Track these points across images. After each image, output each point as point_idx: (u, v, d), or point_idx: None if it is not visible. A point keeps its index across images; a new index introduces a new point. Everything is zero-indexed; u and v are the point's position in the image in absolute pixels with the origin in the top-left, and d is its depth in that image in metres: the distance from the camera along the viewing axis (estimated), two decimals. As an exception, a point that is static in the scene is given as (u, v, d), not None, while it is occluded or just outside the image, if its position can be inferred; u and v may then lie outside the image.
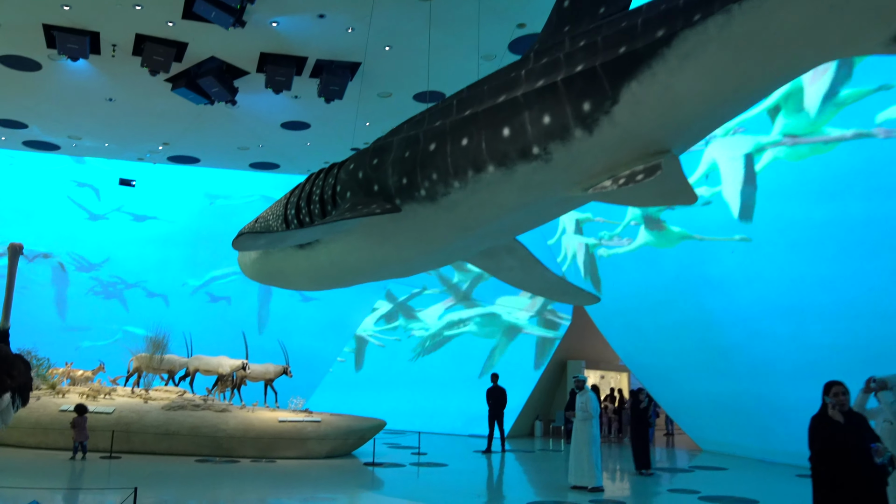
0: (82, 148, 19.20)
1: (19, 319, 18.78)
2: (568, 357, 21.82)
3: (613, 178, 5.33)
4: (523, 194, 5.95)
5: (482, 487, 11.81)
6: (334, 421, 14.04)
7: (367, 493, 10.69)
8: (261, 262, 8.70)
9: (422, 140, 6.53)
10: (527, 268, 8.17)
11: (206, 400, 14.04)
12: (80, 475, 10.94)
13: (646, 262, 17.29)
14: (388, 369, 21.60)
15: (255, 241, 6.27)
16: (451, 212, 6.37)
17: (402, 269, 7.89)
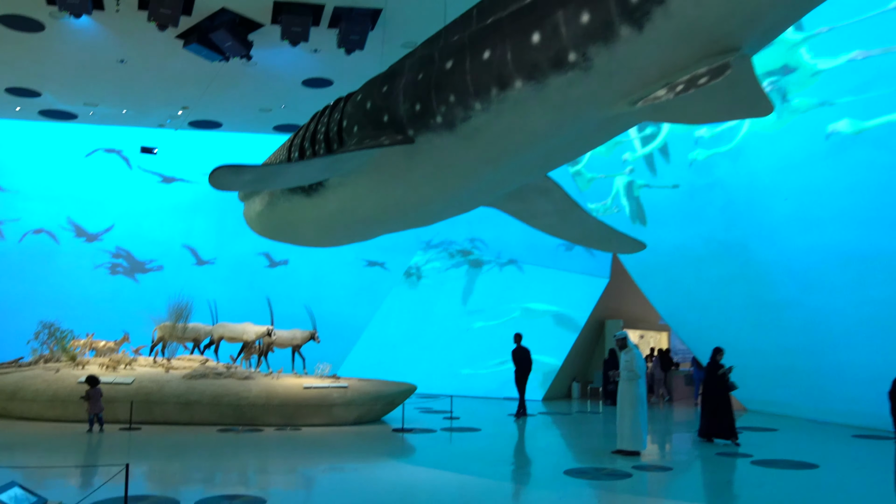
0: (100, 116, 18.52)
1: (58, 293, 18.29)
2: (606, 316, 20.82)
3: (669, 86, 4.30)
4: (558, 115, 4.95)
5: (517, 454, 11.01)
6: (362, 386, 13.32)
7: (397, 461, 9.95)
8: (267, 214, 7.86)
9: (437, 59, 5.54)
10: (563, 212, 7.19)
11: (229, 368, 13.40)
12: (95, 448, 10.39)
13: (689, 213, 16.11)
14: (421, 333, 20.83)
15: (238, 177, 5.30)
16: (473, 141, 5.40)
17: (421, 216, 6.95)
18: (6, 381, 12.57)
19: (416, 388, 14.07)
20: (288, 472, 9.39)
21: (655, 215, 16.89)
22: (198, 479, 8.59)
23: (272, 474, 9.26)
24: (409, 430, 12.35)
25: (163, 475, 8.60)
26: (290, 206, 7.32)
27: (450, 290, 21.39)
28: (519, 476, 9.18)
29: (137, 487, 7.54)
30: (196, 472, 9.05)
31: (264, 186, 5.99)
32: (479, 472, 8.89)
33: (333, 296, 21.27)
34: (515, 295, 20.61)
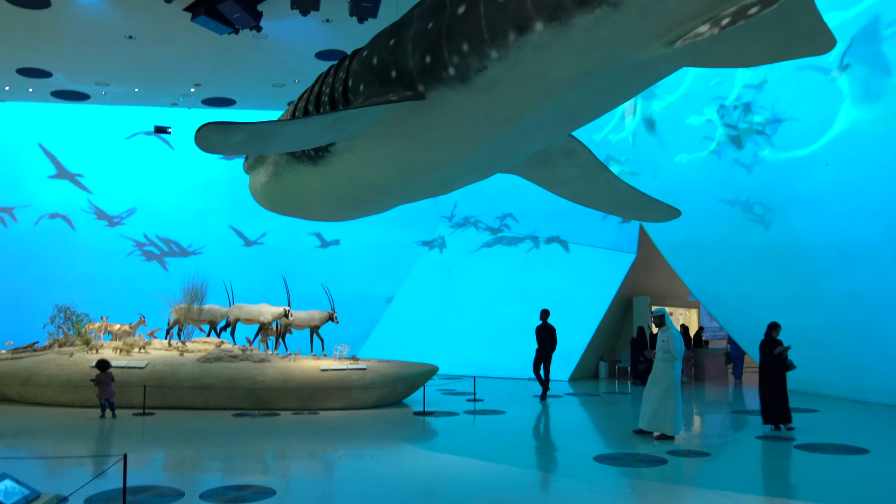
0: (112, 96, 18.18)
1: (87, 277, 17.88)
2: (633, 293, 20.13)
3: (713, 20, 3.66)
4: (583, 60, 4.33)
5: (544, 437, 10.48)
6: (381, 368, 12.85)
7: (418, 446, 9.47)
8: (272, 186, 7.34)
9: (448, 4, 4.94)
10: (590, 176, 6.56)
11: (245, 350, 13.01)
12: (105, 434, 10.04)
13: (720, 181, 15.34)
14: (444, 313, 20.32)
15: (227, 136, 4.72)
16: (489, 95, 4.81)
17: (435, 183, 6.36)
18: (20, 366, 12.30)
19: (437, 370, 13.58)
20: (303, 458, 8.96)
21: (684, 184, 16.11)
22: (207, 467, 8.18)
23: (287, 461, 8.83)
24: (431, 414, 11.88)
25: (171, 463, 8.21)
26: (295, 177, 6.79)
27: (472, 268, 20.83)
28: (546, 462, 8.65)
29: (144, 476, 7.16)
30: (206, 459, 8.65)
31: (259, 148, 5.35)
32: (504, 457, 8.37)
33: (352, 275, 20.85)
34: (540, 271, 20.00)
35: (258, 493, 6.53)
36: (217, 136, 4.67)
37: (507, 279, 20.23)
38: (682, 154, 16.01)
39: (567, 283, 19.47)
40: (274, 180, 7.11)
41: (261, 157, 7.26)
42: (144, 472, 7.52)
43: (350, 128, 5.33)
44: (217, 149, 4.95)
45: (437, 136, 5.41)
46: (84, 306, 16.14)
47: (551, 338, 14.53)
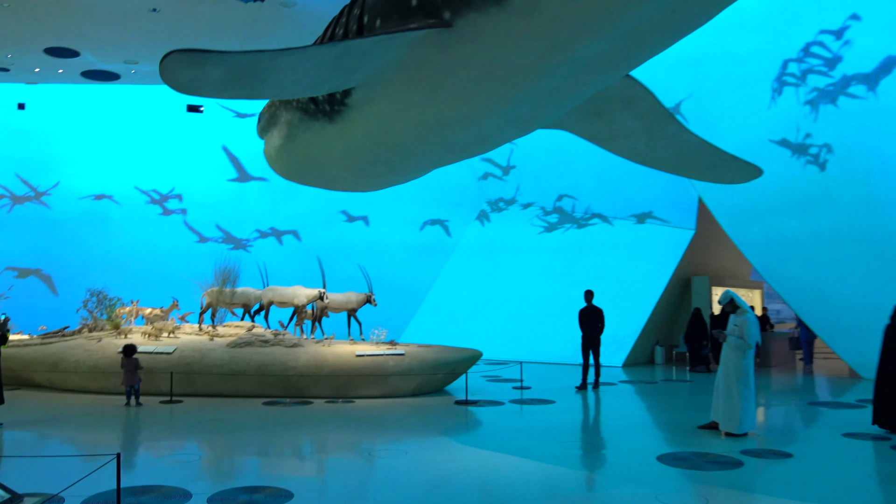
0: (142, 74, 17.66)
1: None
2: (692, 273, 18.84)
3: None
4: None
5: (598, 432, 9.47)
6: (421, 353, 12.03)
7: (458, 439, 8.62)
8: (287, 149, 6.48)
9: None
10: (655, 128, 5.51)
11: (277, 335, 12.34)
12: (127, 423, 9.46)
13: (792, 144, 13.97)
14: (488, 295, 19.39)
15: (202, 71, 3.71)
16: (531, 18, 3.81)
17: (470, 139, 5.39)
18: (47, 352, 11.89)
19: (481, 355, 12.70)
20: (331, 452, 8.19)
21: (749, 152, 14.76)
22: (224, 464, 7.48)
23: (312, 456, 8.07)
24: (474, 403, 11.01)
25: (187, 457, 7.53)
26: (311, 138, 5.93)
27: (518, 248, 19.81)
28: (602, 463, 7.67)
29: (153, 473, 6.48)
30: (225, 453, 7.96)
31: (249, 90, 4.33)
32: (555, 456, 7.45)
33: (393, 256, 20.08)
34: (590, 250, 18.88)
35: (273, 496, 5.76)
36: (189, 72, 3.74)
37: (554, 259, 19.17)
38: (745, 114, 14.65)
39: (620, 262, 18.32)
40: (288, 143, 6.27)
41: (273, 117, 6.44)
42: (154, 469, 6.85)
43: (362, 67, 4.40)
44: (192, 88, 4.05)
45: (468, 78, 4.46)
46: (122, 291, 15.81)
47: (598, 321, 13.20)
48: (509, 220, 20.35)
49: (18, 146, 18.66)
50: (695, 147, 5.66)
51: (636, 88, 5.21)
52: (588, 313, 13.18)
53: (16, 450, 7.77)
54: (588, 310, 13.21)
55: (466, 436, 9.01)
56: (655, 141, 5.62)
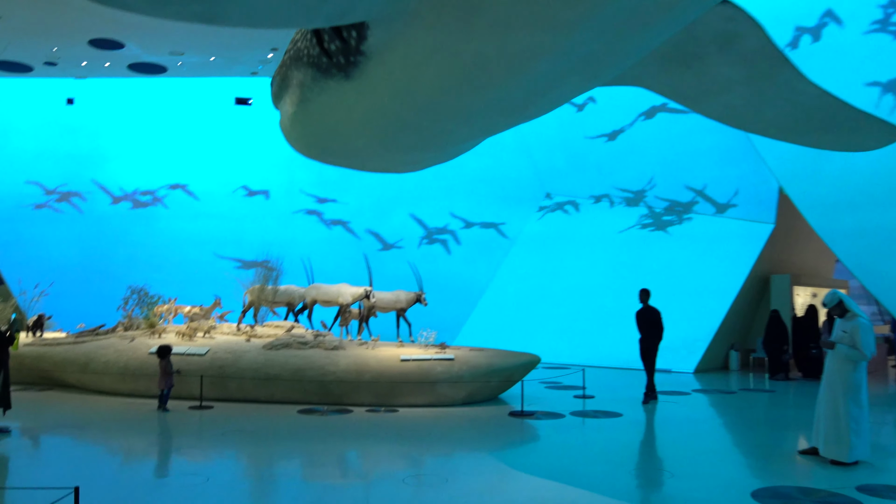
0: (189, 67, 17.08)
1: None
2: (771, 271, 17.07)
3: None
4: None
5: (675, 455, 8.08)
6: (472, 358, 10.84)
7: (510, 460, 7.41)
8: (302, 118, 5.38)
9: None
10: (761, 76, 4.17)
11: (318, 336, 11.38)
12: (139, 431, 8.57)
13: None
14: (548, 295, 18.06)
15: None
16: None
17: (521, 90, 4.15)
18: (78, 351, 11.23)
19: (539, 360, 11.44)
20: (367, 475, 7.11)
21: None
22: (238, 491, 6.48)
23: (345, 478, 7.00)
24: (530, 415, 9.76)
25: (194, 479, 6.55)
26: (327, 101, 4.82)
27: (579, 245, 18.40)
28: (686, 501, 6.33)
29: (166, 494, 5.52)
30: (246, 473, 6.97)
31: (200, 4, 3.17)
32: (627, 488, 6.15)
33: (446, 254, 18.97)
34: (658, 247, 17.35)
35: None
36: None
37: (620, 255, 17.69)
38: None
39: (691, 259, 16.72)
40: (302, 111, 5.19)
41: (285, 79, 5.38)
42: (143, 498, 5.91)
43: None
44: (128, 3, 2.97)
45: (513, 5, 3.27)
46: (170, 289, 15.21)
47: (655, 324, 11.41)
48: (571, 214, 18.96)
49: (67, 141, 18.37)
50: (813, 101, 4.31)
51: (739, 21, 3.90)
52: (643, 315, 11.48)
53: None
54: (644, 311, 11.50)
55: (520, 456, 7.78)
56: (761, 95, 4.29)
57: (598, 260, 17.89)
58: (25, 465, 7.19)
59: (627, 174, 17.98)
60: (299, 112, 5.24)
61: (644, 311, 11.48)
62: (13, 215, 18.02)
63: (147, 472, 6.85)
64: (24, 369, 11.46)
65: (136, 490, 6.00)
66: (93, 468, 6.90)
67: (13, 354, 11.58)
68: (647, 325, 11.38)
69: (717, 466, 7.10)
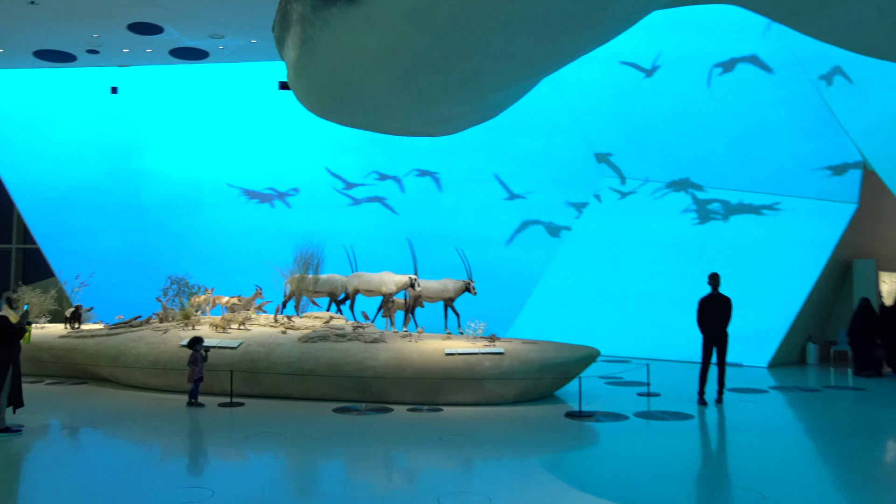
0: (231, 51, 16.37)
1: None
2: (853, 255, 15.35)
3: None
4: None
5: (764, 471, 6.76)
6: (524, 352, 9.73)
7: (566, 473, 6.32)
8: (307, 62, 4.35)
9: None
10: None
11: (358, 327, 10.46)
12: (159, 431, 7.78)
13: None
14: (609, 282, 16.73)
15: None
16: None
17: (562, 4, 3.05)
18: (109, 344, 10.60)
19: (599, 354, 10.26)
20: (398, 492, 6.13)
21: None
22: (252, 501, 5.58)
23: (376, 494, 6.04)
24: (589, 416, 8.61)
25: (201, 494, 5.65)
26: (332, 37, 3.81)
27: (641, 230, 17.00)
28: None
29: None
30: (261, 489, 6.07)
31: None
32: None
33: (498, 238, 17.82)
34: (727, 230, 15.82)
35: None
36: None
37: (686, 240, 16.24)
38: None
39: (764, 243, 15.15)
40: (307, 54, 4.20)
41: (285, 15, 4.38)
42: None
43: None
44: None
45: None
46: (213, 280, 14.60)
47: (725, 312, 9.83)
48: (631, 197, 17.55)
49: (112, 131, 17.97)
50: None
51: None
52: (712, 303, 9.92)
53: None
54: (713, 298, 9.94)
55: (578, 467, 6.67)
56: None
57: (661, 245, 16.47)
58: (27, 466, 6.49)
59: (693, 152, 16.47)
60: (303, 56, 4.23)
61: (711, 298, 9.99)
62: (60, 206, 17.74)
63: (148, 480, 6.02)
64: (60, 362, 10.94)
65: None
66: (94, 477, 6.12)
67: (47, 347, 11.11)
68: (715, 314, 9.92)
69: (819, 487, 5.82)
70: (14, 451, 6.85)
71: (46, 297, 12.78)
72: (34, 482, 6.01)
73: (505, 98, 4.69)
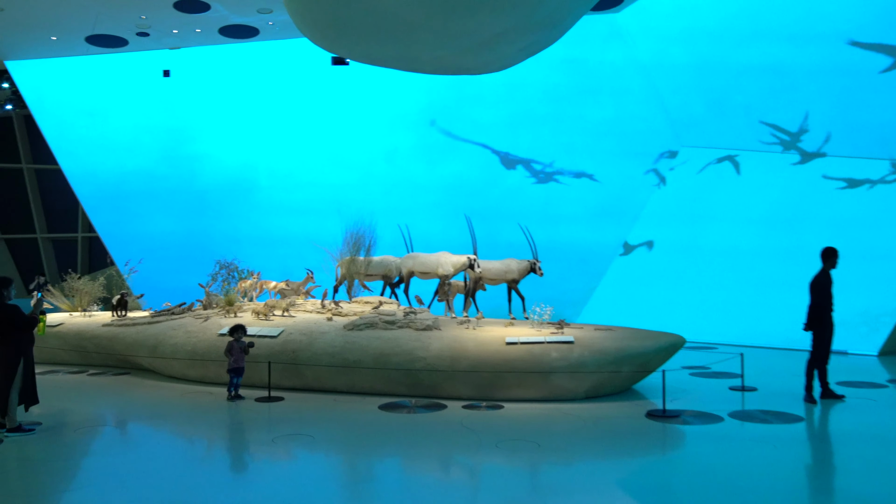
0: (281, 27, 15.50)
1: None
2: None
3: None
4: None
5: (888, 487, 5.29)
6: (598, 340, 8.40)
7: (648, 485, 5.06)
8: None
9: None
10: None
11: (409, 313, 9.36)
12: (176, 432, 6.90)
13: None
14: (691, 258, 15.08)
15: None
16: None
17: None
18: (148, 333, 9.88)
19: (684, 342, 8.83)
20: (450, 501, 5.00)
21: None
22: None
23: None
24: (675, 416, 7.23)
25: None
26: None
27: (725, 201, 15.21)
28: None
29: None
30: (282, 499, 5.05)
31: None
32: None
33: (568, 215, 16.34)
34: (827, 200, 13.89)
35: None
36: None
37: (776, 214, 14.39)
38: None
39: (871, 215, 13.19)
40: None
41: None
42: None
43: None
44: None
45: None
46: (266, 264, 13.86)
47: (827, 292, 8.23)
48: (714, 166, 15.74)
49: (166, 115, 17.46)
50: None
51: None
52: (825, 282, 8.29)
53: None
54: (824, 277, 8.31)
55: (662, 483, 5.35)
56: None
57: (748, 219, 14.67)
58: (13, 469, 5.70)
59: (785, 113, 14.52)
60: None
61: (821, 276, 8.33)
62: (117, 192, 17.40)
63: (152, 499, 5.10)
64: (103, 352, 10.34)
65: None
66: (106, 484, 5.25)
67: (90, 336, 10.51)
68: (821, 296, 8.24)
69: None
70: (26, 451, 6.10)
71: (95, 284, 12.28)
72: (44, 484, 5.20)
73: (560, 5, 3.44)
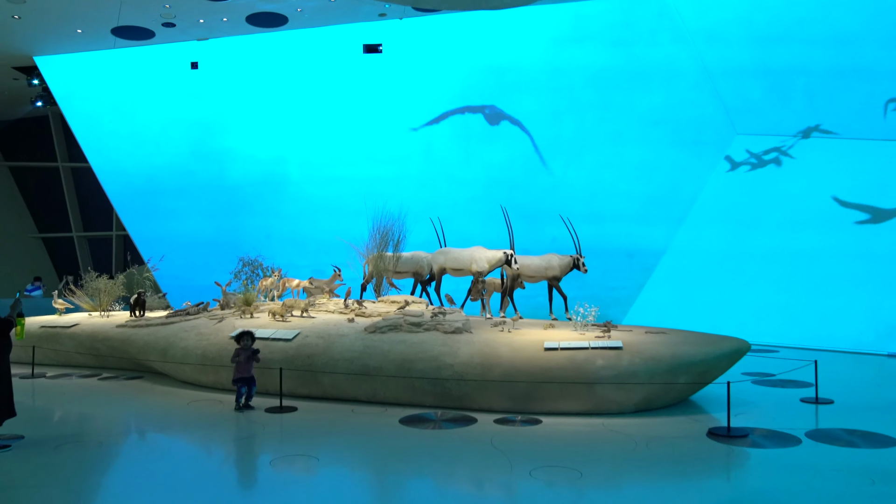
0: (310, 14, 14.76)
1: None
2: None
3: None
4: None
5: None
6: (649, 345, 7.33)
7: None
8: None
9: None
10: None
11: (437, 314, 8.43)
12: (182, 450, 6.10)
13: None
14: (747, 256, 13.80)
15: None
16: None
17: None
18: (159, 335, 9.17)
19: (749, 347, 7.69)
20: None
21: None
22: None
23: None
24: (742, 435, 6.13)
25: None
26: None
27: (786, 194, 13.85)
28: None
29: None
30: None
31: None
32: None
33: (613, 209, 15.18)
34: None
35: None
36: None
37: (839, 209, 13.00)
38: None
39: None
40: None
41: None
42: None
43: None
44: None
45: None
46: (297, 262, 13.14)
47: None
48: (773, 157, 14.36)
49: (195, 108, 16.89)
50: None
51: None
52: None
53: None
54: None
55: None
56: None
57: (808, 214, 13.30)
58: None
59: (852, 98, 13.12)
60: None
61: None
62: (147, 188, 16.92)
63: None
64: (116, 355, 9.71)
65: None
66: None
67: (102, 337, 9.87)
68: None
69: None
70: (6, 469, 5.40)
71: (115, 283, 11.72)
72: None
73: None
